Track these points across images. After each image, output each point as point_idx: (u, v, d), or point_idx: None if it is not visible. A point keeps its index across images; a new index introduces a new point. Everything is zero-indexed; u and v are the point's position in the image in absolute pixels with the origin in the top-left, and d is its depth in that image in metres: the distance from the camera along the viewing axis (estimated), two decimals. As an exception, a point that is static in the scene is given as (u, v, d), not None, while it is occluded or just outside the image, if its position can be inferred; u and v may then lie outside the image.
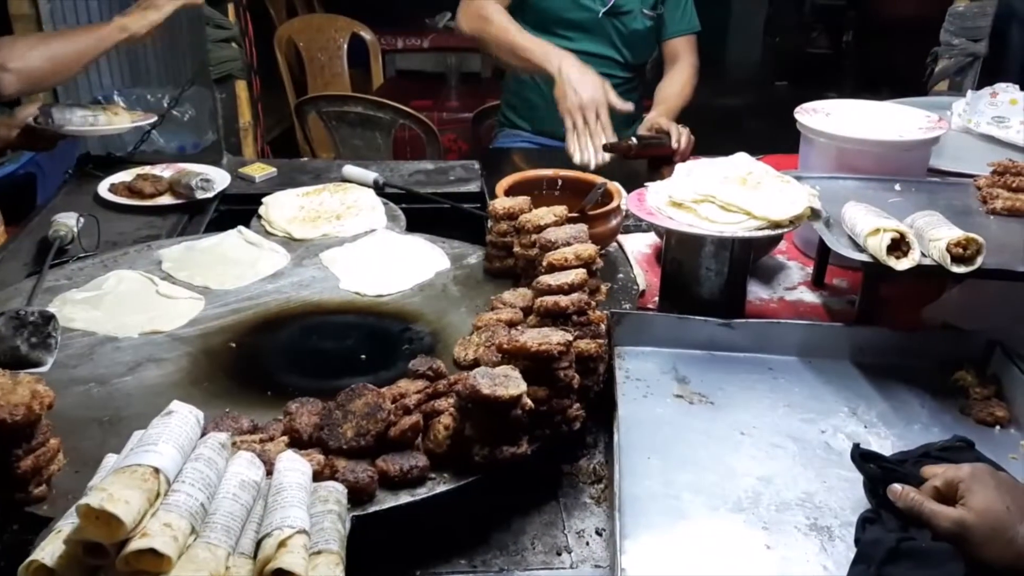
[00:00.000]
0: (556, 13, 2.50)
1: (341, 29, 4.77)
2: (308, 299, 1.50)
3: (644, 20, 2.55)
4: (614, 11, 2.50)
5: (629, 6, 2.51)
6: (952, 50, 2.29)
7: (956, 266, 1.23)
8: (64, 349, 1.30)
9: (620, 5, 2.49)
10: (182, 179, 1.93)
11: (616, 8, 2.49)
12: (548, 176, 1.76)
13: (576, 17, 2.49)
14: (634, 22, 2.54)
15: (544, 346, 1.05)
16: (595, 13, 2.49)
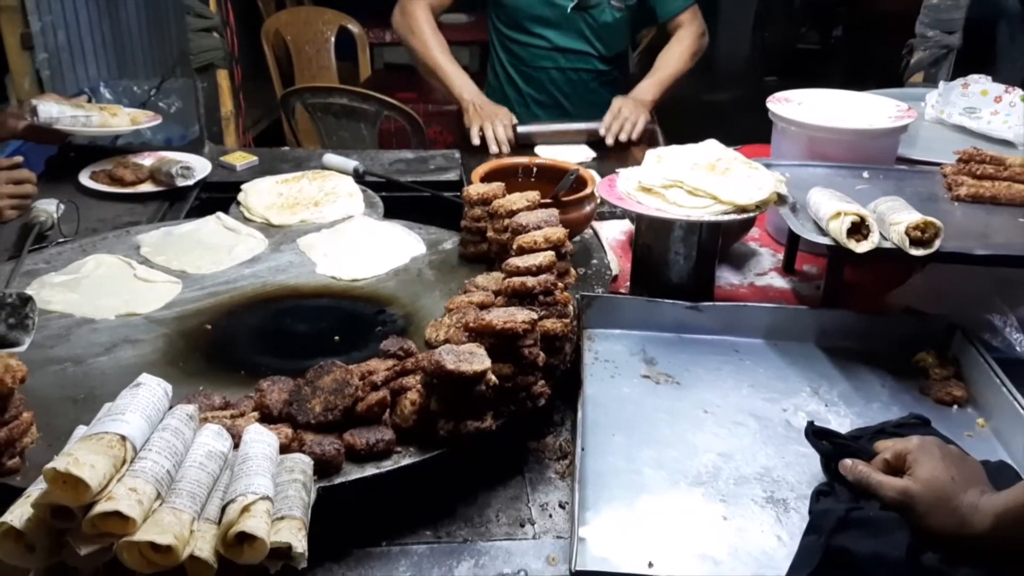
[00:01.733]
0: (526, 10, 2.52)
1: (329, 22, 4.78)
2: (284, 283, 1.53)
3: (613, 12, 2.55)
4: (582, 5, 2.51)
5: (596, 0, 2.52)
6: (927, 42, 2.32)
7: (915, 249, 1.26)
8: (41, 330, 1.32)
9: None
10: (163, 167, 1.95)
11: (584, 2, 2.51)
12: (523, 164, 1.78)
13: (546, 13, 2.52)
14: (603, 15, 2.55)
15: (509, 324, 1.08)
16: (564, 8, 2.50)
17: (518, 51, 2.60)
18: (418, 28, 2.43)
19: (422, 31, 2.42)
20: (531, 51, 2.58)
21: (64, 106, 1.98)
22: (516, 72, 2.62)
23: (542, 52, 2.57)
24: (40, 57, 3.46)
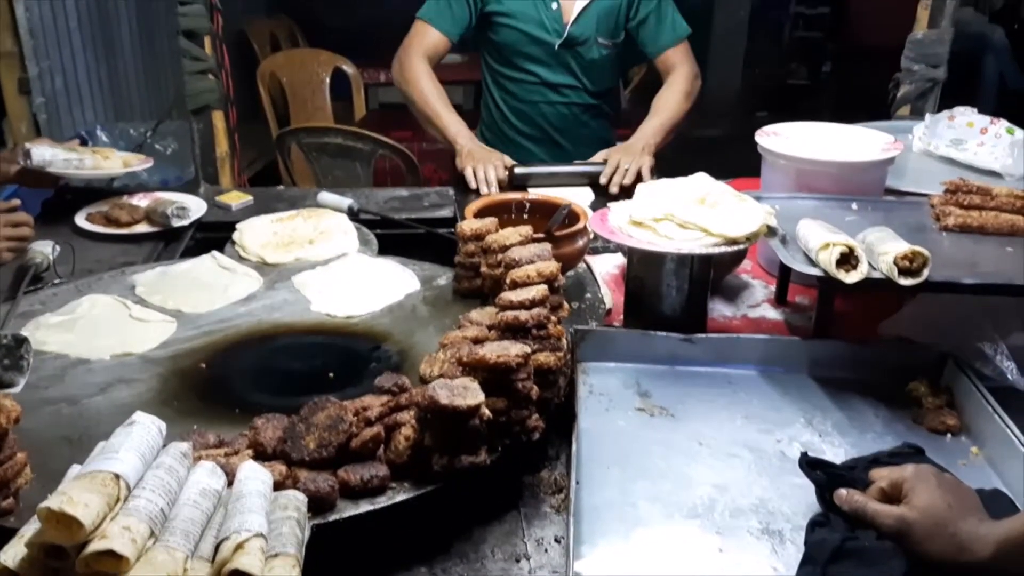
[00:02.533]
0: (515, 47, 2.57)
1: (324, 63, 4.84)
2: (279, 321, 1.53)
3: (600, 49, 2.58)
4: (569, 42, 2.55)
5: (584, 36, 2.55)
6: (913, 76, 2.35)
7: (903, 279, 1.27)
8: (36, 371, 1.32)
9: (575, 36, 2.54)
10: (158, 207, 1.96)
11: (571, 40, 2.54)
12: (516, 199, 1.80)
13: (535, 50, 2.56)
14: (590, 52, 2.58)
15: (503, 358, 1.08)
16: (551, 45, 2.54)
17: (509, 86, 2.64)
18: (416, 79, 2.48)
19: (420, 82, 2.48)
20: (522, 86, 2.63)
21: (57, 149, 2.00)
22: (508, 107, 2.66)
23: (532, 87, 2.61)
24: (37, 101, 3.50)
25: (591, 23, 2.55)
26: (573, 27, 2.54)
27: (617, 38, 2.61)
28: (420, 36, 2.53)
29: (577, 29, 2.54)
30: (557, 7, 2.53)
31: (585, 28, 2.55)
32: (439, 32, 2.51)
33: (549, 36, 2.54)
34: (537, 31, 2.54)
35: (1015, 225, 1.51)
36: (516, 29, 2.53)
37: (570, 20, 2.54)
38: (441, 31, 2.51)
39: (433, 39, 2.52)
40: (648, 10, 2.57)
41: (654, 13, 2.57)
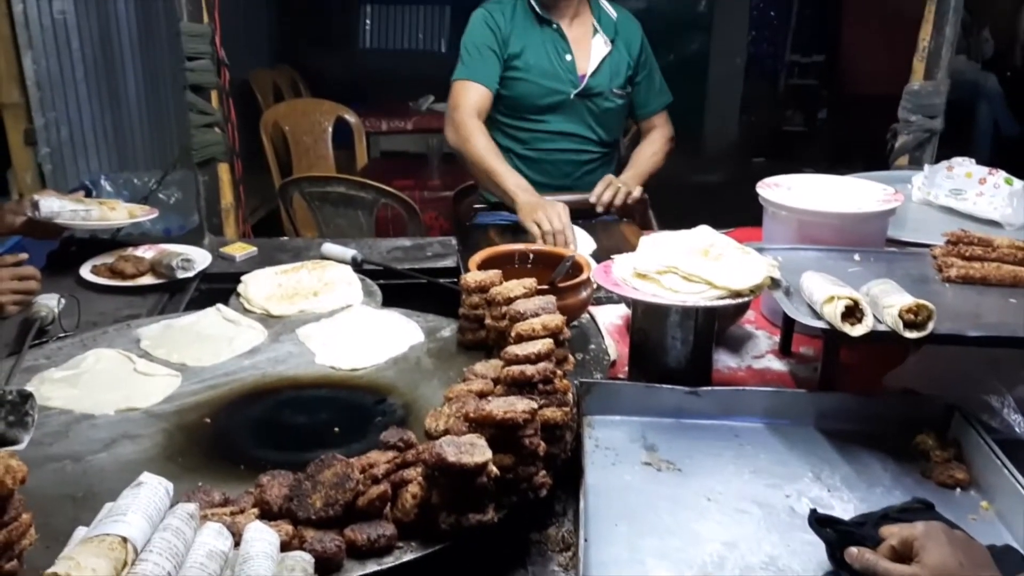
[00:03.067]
0: (530, 101, 2.63)
1: (326, 113, 4.90)
2: (283, 374, 1.53)
3: (615, 99, 2.68)
4: (585, 93, 2.63)
5: (600, 87, 2.64)
6: (910, 127, 2.38)
7: (908, 331, 1.27)
8: (40, 427, 1.32)
9: (591, 87, 2.63)
10: (163, 259, 1.97)
11: (587, 90, 2.63)
12: (520, 250, 1.81)
13: (550, 101, 2.63)
14: (605, 101, 2.67)
15: (509, 414, 1.08)
16: (567, 95, 2.61)
17: (520, 135, 2.70)
18: (470, 136, 2.50)
19: (475, 139, 2.50)
20: (533, 135, 2.69)
21: (65, 201, 2.01)
22: (516, 156, 2.70)
23: (544, 136, 2.67)
24: (43, 152, 3.54)
25: (606, 75, 2.65)
26: (591, 79, 2.63)
27: (627, 89, 2.72)
28: (464, 95, 2.57)
29: (594, 81, 2.64)
30: (571, 59, 2.62)
31: (601, 80, 2.65)
32: (481, 86, 2.56)
33: (564, 86, 2.62)
34: (552, 83, 2.62)
35: (1017, 276, 1.52)
36: (531, 82, 2.61)
37: (587, 71, 2.63)
38: (483, 84, 2.57)
39: (478, 95, 2.56)
40: (643, 75, 2.74)
41: (647, 78, 2.76)
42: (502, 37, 2.59)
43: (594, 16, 2.67)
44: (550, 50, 2.61)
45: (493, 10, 2.63)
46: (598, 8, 2.69)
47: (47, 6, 3.53)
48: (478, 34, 2.60)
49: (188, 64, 2.24)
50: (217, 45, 2.30)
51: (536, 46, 2.61)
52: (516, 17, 2.63)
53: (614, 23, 2.68)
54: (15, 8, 3.34)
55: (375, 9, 7.30)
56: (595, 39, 2.65)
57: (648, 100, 2.79)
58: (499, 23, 2.60)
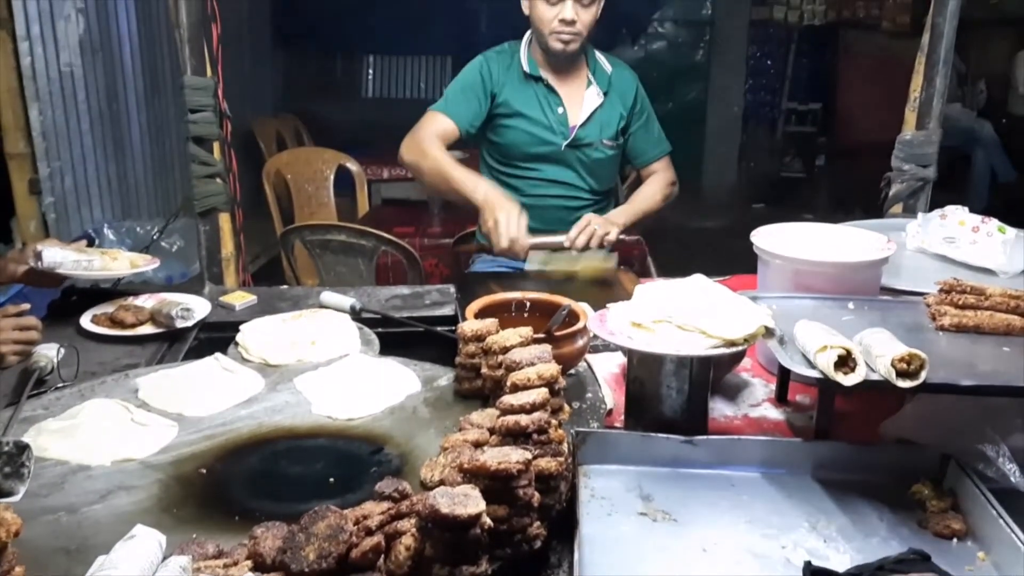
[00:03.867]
0: (521, 148, 2.66)
1: (328, 161, 4.94)
2: (280, 424, 1.53)
3: (605, 150, 2.72)
4: (575, 143, 2.67)
5: (589, 138, 2.68)
6: (903, 175, 2.41)
7: (901, 381, 1.28)
8: (36, 478, 1.32)
9: (581, 138, 2.67)
10: (163, 309, 1.99)
11: (577, 140, 2.67)
12: (516, 299, 1.82)
13: (540, 151, 2.66)
14: (595, 152, 2.71)
15: (503, 465, 1.08)
16: (557, 146, 2.65)
17: (512, 183, 2.72)
18: (429, 149, 2.51)
19: (432, 151, 2.50)
20: (526, 183, 2.72)
21: (68, 251, 2.03)
22: None
23: (535, 183, 2.70)
24: (47, 201, 3.58)
25: (596, 127, 2.69)
26: (581, 130, 2.66)
27: (619, 140, 2.75)
28: (431, 122, 2.59)
29: (584, 132, 2.67)
30: (563, 111, 2.66)
31: (591, 132, 2.69)
32: (450, 121, 2.58)
33: (555, 137, 2.66)
34: (543, 132, 2.65)
35: (1011, 325, 1.52)
36: (522, 130, 2.64)
37: (577, 123, 2.66)
38: (453, 120, 2.58)
39: (444, 125, 2.58)
40: (638, 125, 2.78)
41: (643, 128, 2.79)
42: (492, 86, 2.63)
43: (589, 69, 2.72)
44: (542, 102, 2.66)
45: (491, 59, 2.68)
46: (594, 61, 2.73)
47: (55, 59, 3.60)
48: (468, 78, 2.65)
49: (191, 116, 2.28)
50: (220, 98, 2.34)
51: (528, 98, 2.65)
52: (512, 68, 2.68)
53: (608, 76, 2.73)
54: (23, 61, 3.41)
55: (378, 59, 7.43)
56: (588, 91, 2.69)
57: (646, 149, 2.82)
58: (493, 72, 2.64)
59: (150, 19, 4.36)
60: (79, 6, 3.74)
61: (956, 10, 2.28)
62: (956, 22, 2.29)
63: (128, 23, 4.18)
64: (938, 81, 2.34)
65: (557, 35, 2.54)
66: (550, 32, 2.54)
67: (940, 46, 2.31)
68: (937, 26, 2.31)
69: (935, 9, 2.32)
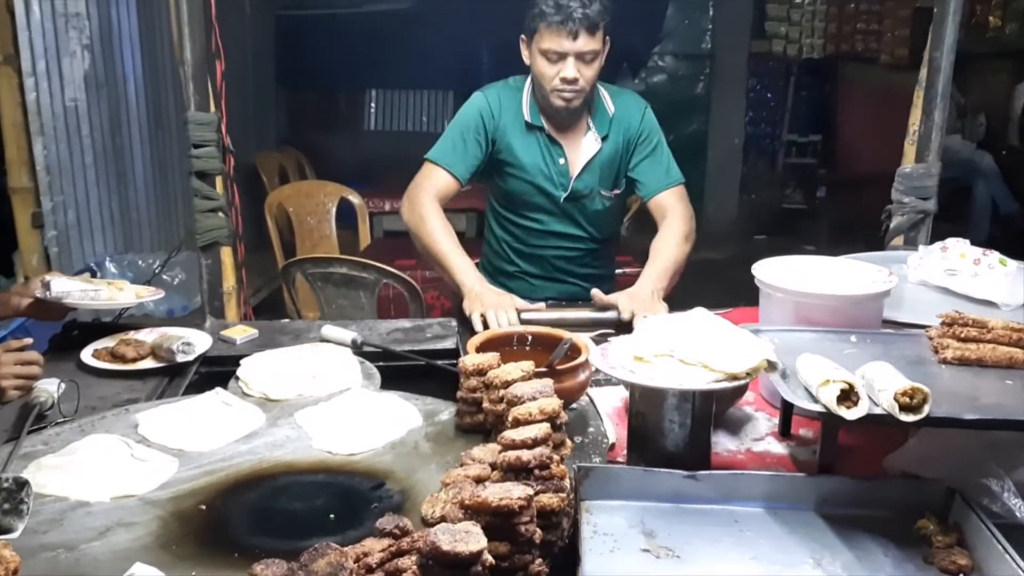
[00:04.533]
0: (522, 197, 2.61)
1: (330, 194, 4.97)
2: (280, 459, 1.53)
3: (603, 201, 2.63)
4: (573, 196, 2.59)
5: (586, 190, 2.59)
6: (903, 208, 2.41)
7: (904, 415, 1.27)
8: (35, 515, 1.31)
9: (579, 190, 2.58)
10: (164, 343, 1.98)
11: (575, 193, 2.59)
12: (518, 333, 1.82)
13: (540, 201, 2.61)
14: (593, 204, 2.62)
15: (505, 501, 1.08)
16: (557, 198, 2.59)
17: (513, 230, 2.70)
18: (425, 217, 2.48)
19: (429, 221, 2.47)
20: (527, 231, 2.68)
21: (75, 281, 2.05)
22: (511, 248, 2.71)
23: (537, 233, 2.66)
24: (49, 235, 3.60)
25: (594, 176, 2.59)
26: (577, 181, 2.57)
27: (619, 187, 2.65)
28: (429, 177, 2.54)
29: (580, 183, 2.58)
30: (564, 163, 2.57)
31: (588, 182, 2.59)
32: (448, 173, 2.52)
33: (555, 189, 2.58)
34: (544, 184, 2.58)
35: (1013, 358, 1.52)
36: (524, 180, 2.58)
37: (574, 175, 2.57)
38: (451, 173, 2.52)
39: (443, 180, 2.52)
40: (644, 154, 2.60)
41: (649, 157, 2.60)
42: (492, 129, 2.54)
43: (590, 115, 2.58)
44: (544, 152, 2.57)
45: (492, 98, 2.57)
46: (597, 103, 2.59)
47: (60, 94, 3.63)
48: (467, 119, 2.56)
49: (194, 151, 2.30)
50: (223, 133, 2.36)
51: (530, 147, 2.57)
52: (515, 111, 2.57)
53: (610, 119, 2.58)
54: (28, 96, 3.45)
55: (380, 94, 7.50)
56: (586, 138, 2.57)
57: (653, 179, 2.60)
58: (493, 112, 2.55)
59: (154, 55, 4.40)
60: (85, 42, 3.78)
61: (953, 45, 2.30)
62: (953, 56, 2.31)
63: (133, 59, 4.23)
64: (936, 115, 2.35)
65: (559, 93, 2.43)
66: (551, 89, 2.44)
67: (938, 80, 2.33)
68: (935, 60, 2.33)
69: (932, 44, 2.34)
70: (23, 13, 3.39)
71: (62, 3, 3.60)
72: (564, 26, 2.34)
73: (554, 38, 2.37)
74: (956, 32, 2.30)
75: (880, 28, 7.32)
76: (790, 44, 7.58)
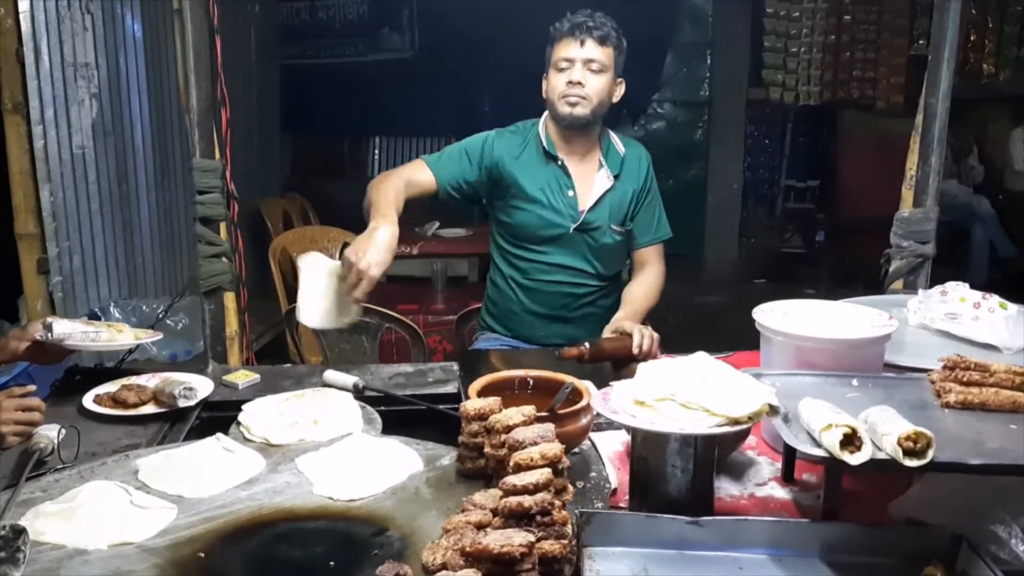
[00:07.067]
0: (530, 231, 2.66)
1: (334, 239, 4.99)
2: (280, 505, 1.52)
3: (613, 235, 2.69)
4: (584, 227, 2.65)
5: (598, 223, 2.66)
6: (903, 251, 2.42)
7: (908, 460, 1.27)
8: (32, 563, 1.30)
9: (589, 222, 2.65)
10: (166, 388, 1.98)
11: (585, 224, 2.65)
12: (519, 377, 1.82)
13: (549, 233, 2.65)
14: (603, 237, 2.68)
15: (506, 548, 1.07)
16: (566, 229, 2.65)
17: (520, 264, 2.72)
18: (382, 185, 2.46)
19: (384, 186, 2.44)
20: (533, 265, 2.71)
21: (76, 323, 2.06)
22: (516, 284, 2.74)
23: (543, 267, 2.69)
24: (54, 280, 3.61)
25: (605, 211, 2.67)
26: (589, 214, 2.65)
27: (627, 226, 2.73)
28: (412, 168, 2.60)
29: (592, 216, 2.66)
30: (573, 195, 2.65)
31: (600, 215, 2.67)
32: (431, 175, 2.59)
33: (564, 220, 2.65)
34: (552, 216, 2.64)
35: (1016, 402, 1.51)
36: (533, 213, 2.64)
37: (586, 207, 2.65)
38: (435, 174, 2.59)
39: (420, 176, 2.58)
40: (643, 204, 2.75)
41: (646, 208, 2.76)
42: (492, 160, 2.62)
43: (602, 151, 2.70)
44: (553, 185, 2.64)
45: (500, 138, 2.67)
46: (607, 143, 2.72)
47: (67, 141, 3.67)
48: (470, 143, 2.66)
49: (199, 197, 2.32)
50: (227, 179, 2.38)
51: (540, 180, 2.64)
52: (525, 150, 2.67)
53: (621, 159, 2.71)
54: (36, 144, 3.48)
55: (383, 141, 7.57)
56: (599, 174, 2.68)
57: (644, 231, 2.77)
58: (496, 149, 2.63)
59: (161, 103, 4.46)
60: (93, 91, 3.83)
61: (948, 91, 2.33)
62: (948, 102, 2.34)
63: (140, 107, 4.28)
64: (933, 159, 2.37)
65: (565, 99, 2.55)
66: (559, 96, 2.56)
67: (934, 125, 2.36)
68: (930, 106, 2.36)
69: (928, 90, 2.37)
70: (32, 62, 3.44)
71: (71, 53, 3.66)
72: (573, 34, 2.55)
73: (564, 47, 2.56)
74: (951, 78, 2.33)
75: (876, 75, 7.40)
76: (787, 91, 7.67)
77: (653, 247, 2.79)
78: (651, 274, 2.76)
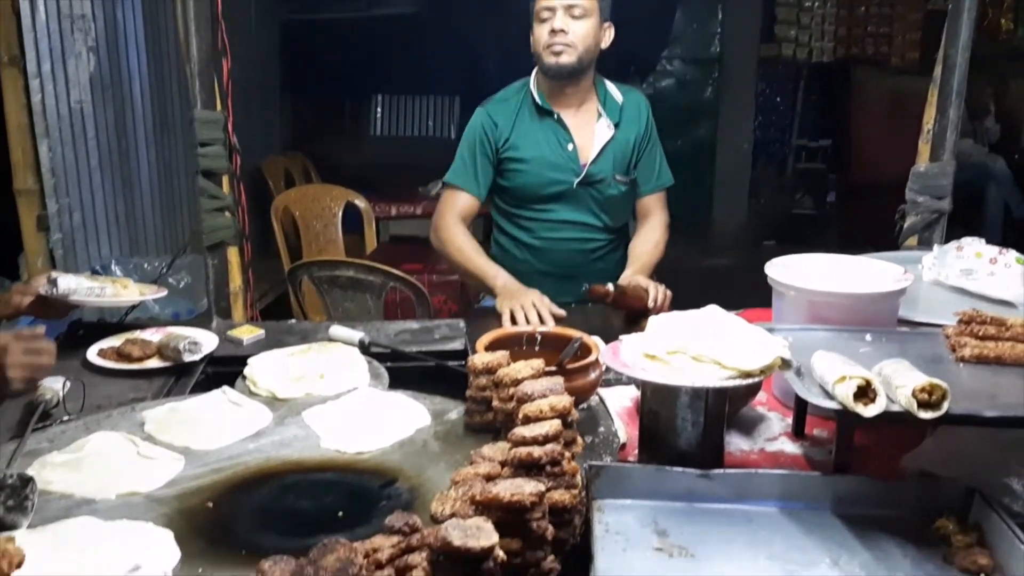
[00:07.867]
0: (532, 191, 2.63)
1: (336, 198, 4.96)
2: (288, 458, 1.51)
3: (618, 186, 2.65)
4: (587, 180, 2.61)
5: (602, 174, 2.62)
6: (918, 207, 2.39)
7: (923, 412, 1.25)
8: (40, 511, 1.29)
9: (593, 174, 2.61)
10: (170, 342, 1.97)
11: (589, 178, 2.61)
12: (528, 332, 1.81)
13: (551, 191, 2.62)
14: (609, 188, 2.64)
15: (516, 496, 1.06)
16: (569, 184, 2.60)
17: (526, 224, 2.69)
18: (452, 238, 2.60)
19: (456, 240, 2.59)
20: (539, 224, 2.68)
21: (81, 278, 2.04)
22: (522, 244, 2.71)
23: (549, 225, 2.66)
24: (55, 237, 3.57)
25: (608, 162, 2.63)
26: (592, 166, 2.61)
27: (631, 175, 2.69)
28: (450, 201, 2.65)
29: (596, 168, 2.61)
30: (573, 148, 2.60)
31: (603, 167, 2.62)
32: (466, 193, 2.62)
33: (566, 175, 2.61)
34: (554, 172, 2.60)
35: (1032, 356, 1.50)
36: (532, 173, 2.61)
37: (588, 160, 2.61)
38: (470, 193, 2.62)
39: (462, 201, 2.63)
40: (643, 151, 2.70)
41: (647, 156, 2.71)
42: (496, 137, 2.61)
43: (599, 100, 2.64)
44: (551, 141, 2.60)
45: (493, 110, 2.64)
46: (604, 92, 2.66)
47: (65, 96, 3.61)
48: (473, 136, 2.64)
49: (200, 150, 2.28)
50: (229, 131, 2.34)
51: (537, 139, 2.60)
52: (519, 113, 2.62)
53: (619, 107, 2.64)
54: (33, 98, 3.42)
55: (386, 99, 7.48)
56: (598, 124, 2.62)
57: (646, 179, 2.72)
58: (496, 122, 2.61)
59: (160, 56, 4.39)
60: (90, 44, 3.76)
61: (968, 42, 2.27)
62: (968, 54, 2.29)
63: (139, 61, 4.21)
64: (951, 113, 2.33)
65: (549, 48, 2.49)
66: (544, 47, 2.50)
67: (953, 77, 2.31)
68: (950, 57, 2.31)
69: (947, 41, 2.31)
70: (28, 14, 3.37)
71: (67, 4, 3.59)
72: None
73: None
74: (971, 29, 2.28)
75: (891, 31, 7.28)
76: (799, 48, 7.54)
77: (656, 195, 2.74)
78: (655, 225, 2.73)
